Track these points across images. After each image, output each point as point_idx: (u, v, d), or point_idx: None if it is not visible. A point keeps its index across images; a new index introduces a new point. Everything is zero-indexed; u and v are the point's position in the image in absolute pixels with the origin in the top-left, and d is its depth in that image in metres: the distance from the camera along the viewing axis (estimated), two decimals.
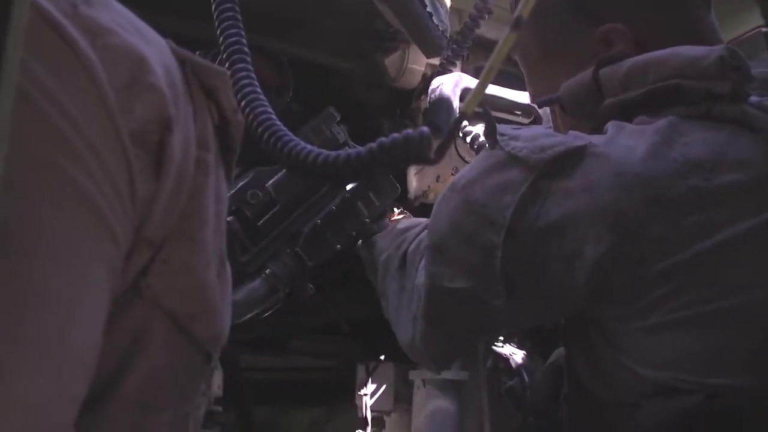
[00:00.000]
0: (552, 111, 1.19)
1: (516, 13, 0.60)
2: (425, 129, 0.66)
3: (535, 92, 1.18)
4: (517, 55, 1.19)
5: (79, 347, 0.47)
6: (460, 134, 1.40)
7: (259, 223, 1.28)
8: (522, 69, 1.21)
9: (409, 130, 0.68)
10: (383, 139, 0.72)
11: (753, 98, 0.92)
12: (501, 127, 0.94)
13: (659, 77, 0.91)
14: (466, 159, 1.53)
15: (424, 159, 0.69)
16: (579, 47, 1.05)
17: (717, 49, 0.89)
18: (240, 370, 1.72)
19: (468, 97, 0.60)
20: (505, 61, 0.62)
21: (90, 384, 0.49)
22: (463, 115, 0.61)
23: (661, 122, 0.87)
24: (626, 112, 0.93)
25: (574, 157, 0.85)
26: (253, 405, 1.77)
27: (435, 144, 0.72)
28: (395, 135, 0.70)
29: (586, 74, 0.99)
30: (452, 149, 1.49)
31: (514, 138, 0.91)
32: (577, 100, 1.01)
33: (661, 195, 0.81)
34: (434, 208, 1.01)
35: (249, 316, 1.25)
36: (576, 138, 0.88)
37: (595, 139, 0.88)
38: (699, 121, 0.88)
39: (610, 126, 0.91)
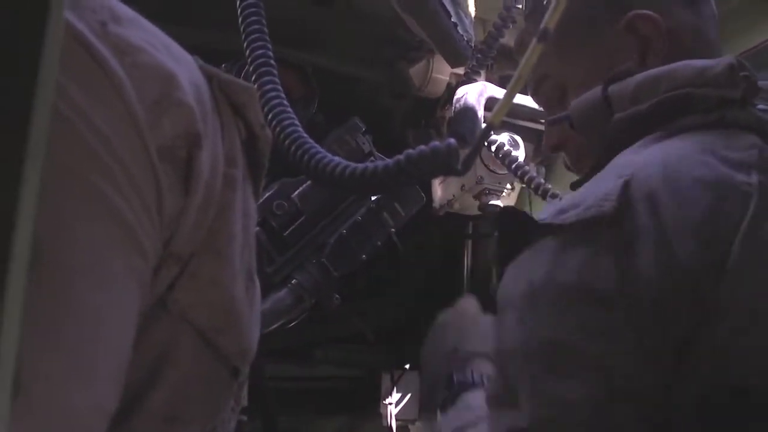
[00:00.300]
0: (547, 131, 1.17)
1: (542, 25, 0.60)
2: (452, 141, 0.66)
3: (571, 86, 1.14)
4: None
5: (110, 359, 0.48)
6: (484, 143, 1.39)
7: (285, 234, 1.29)
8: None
9: (436, 142, 0.68)
10: (410, 151, 0.72)
11: (760, 107, 0.91)
12: (532, 216, 0.87)
13: (670, 87, 0.90)
14: (491, 167, 1.53)
15: (451, 170, 0.68)
16: (606, 40, 1.04)
17: (725, 59, 0.89)
18: (265, 378, 1.72)
19: (496, 108, 0.60)
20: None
21: (119, 398, 0.49)
22: (491, 126, 0.61)
23: (679, 136, 0.87)
24: (637, 125, 0.92)
25: (628, 194, 0.79)
26: (278, 414, 1.78)
27: (462, 154, 0.72)
28: (422, 147, 0.70)
29: (595, 92, 0.97)
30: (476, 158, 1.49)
31: (560, 212, 0.82)
32: (587, 118, 0.99)
33: (724, 193, 0.79)
34: (508, 336, 0.85)
35: (275, 326, 1.26)
36: (614, 177, 0.82)
37: (624, 169, 0.82)
38: (716, 130, 0.87)
39: (624, 156, 0.89)
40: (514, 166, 1.44)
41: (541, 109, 1.38)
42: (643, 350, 0.76)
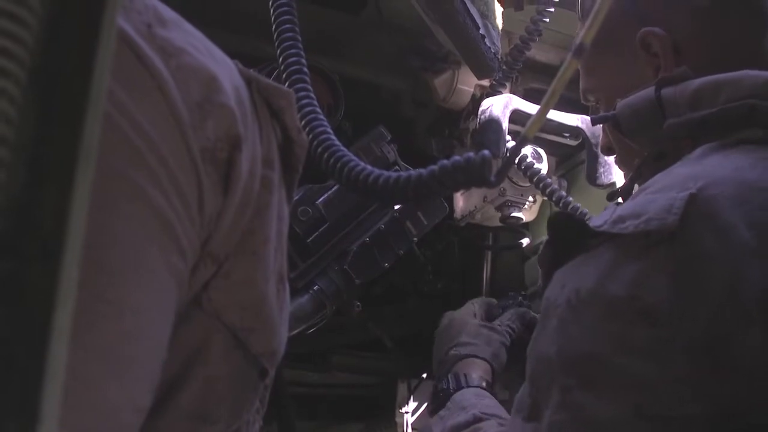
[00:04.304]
0: (603, 131, 1.15)
1: (578, 40, 0.60)
2: (487, 152, 0.67)
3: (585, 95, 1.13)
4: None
5: (147, 357, 0.48)
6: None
7: (308, 240, 1.29)
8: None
9: (470, 153, 0.69)
10: (444, 161, 0.72)
11: None
12: (587, 221, 0.84)
13: (732, 97, 0.86)
14: (513, 180, 1.53)
15: (485, 182, 0.69)
16: (623, 57, 1.02)
17: None
18: (283, 384, 1.72)
19: (530, 122, 0.60)
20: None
21: (154, 395, 0.50)
22: (525, 139, 0.61)
23: (742, 150, 0.84)
24: (693, 133, 0.89)
25: (695, 208, 0.76)
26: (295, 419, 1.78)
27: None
28: (457, 157, 0.71)
29: (647, 92, 0.94)
30: None
31: (619, 221, 0.79)
32: (637, 119, 0.95)
33: None
34: (545, 343, 0.83)
35: (296, 331, 1.26)
36: (671, 189, 0.79)
37: (690, 181, 0.79)
38: None
39: (687, 164, 0.86)
40: (536, 179, 1.44)
41: (567, 122, 1.38)
42: (687, 374, 0.73)
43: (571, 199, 1.39)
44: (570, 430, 0.77)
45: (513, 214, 1.56)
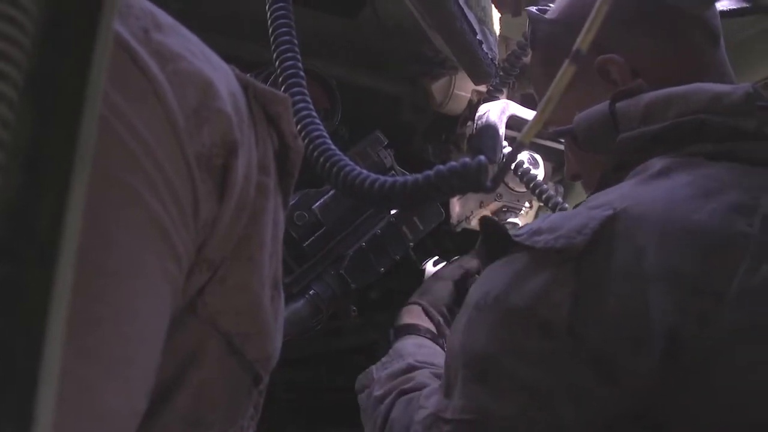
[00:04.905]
0: (566, 157, 1.18)
1: (576, 46, 0.60)
2: (483, 158, 0.67)
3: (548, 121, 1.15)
4: (531, 84, 1.18)
5: (142, 361, 0.48)
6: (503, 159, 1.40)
7: (304, 245, 1.29)
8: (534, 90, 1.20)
9: (466, 159, 0.69)
10: (440, 166, 0.73)
11: None
12: (509, 230, 0.88)
13: (682, 111, 0.88)
14: (510, 185, 1.54)
15: (481, 187, 0.69)
16: (583, 76, 1.02)
17: (743, 87, 0.87)
18: (275, 388, 1.72)
19: (526, 128, 0.60)
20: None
21: (149, 400, 0.50)
22: (521, 145, 0.62)
23: (682, 167, 0.85)
24: (644, 147, 0.90)
25: (609, 229, 0.79)
26: (286, 424, 1.78)
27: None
28: (453, 163, 0.71)
29: (602, 106, 0.95)
30: None
31: (536, 233, 0.84)
32: (591, 133, 0.97)
33: (714, 246, 0.77)
34: (457, 335, 0.90)
35: (291, 337, 1.26)
36: (599, 209, 0.82)
37: (617, 202, 0.82)
38: (723, 162, 0.85)
39: (628, 183, 0.88)
40: (532, 184, 1.44)
41: None
42: (574, 386, 0.78)
43: (567, 205, 1.39)
44: (468, 416, 0.84)
45: (509, 220, 1.56)
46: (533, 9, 1.15)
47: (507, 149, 1.42)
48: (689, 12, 1.00)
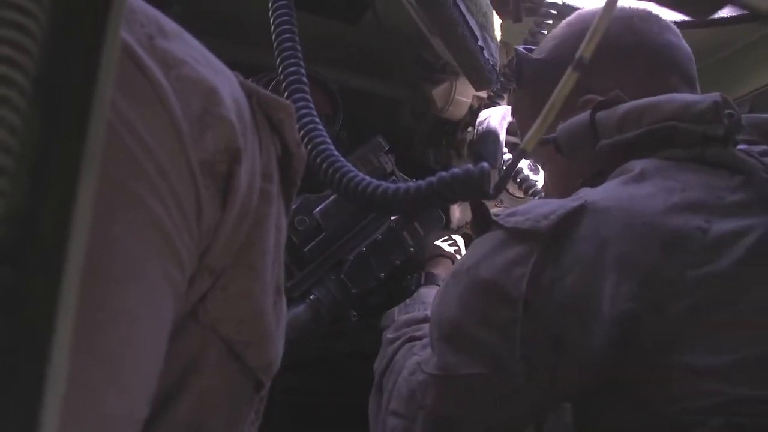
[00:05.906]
0: (545, 177, 1.23)
1: (579, 54, 0.60)
2: (485, 164, 0.67)
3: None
4: (513, 113, 1.23)
5: (144, 367, 0.48)
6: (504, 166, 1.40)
7: (305, 250, 1.29)
8: (517, 125, 1.25)
9: (469, 165, 0.69)
10: (443, 173, 0.73)
11: (741, 146, 0.93)
12: (493, 211, 0.94)
13: (655, 119, 0.93)
14: (510, 191, 1.54)
15: (483, 194, 0.69)
16: (567, 111, 1.03)
17: (712, 95, 0.91)
18: (275, 392, 1.72)
19: (528, 135, 0.60)
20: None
21: (150, 406, 0.49)
22: (523, 152, 0.62)
23: (655, 169, 0.90)
24: (621, 153, 0.95)
25: (576, 218, 0.86)
26: (287, 429, 1.77)
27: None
28: (455, 170, 0.71)
29: (583, 116, 1.00)
30: None
31: (512, 215, 0.91)
32: (573, 141, 1.02)
33: (670, 239, 0.82)
34: (437, 299, 1.02)
35: (291, 340, 1.26)
36: (571, 199, 0.89)
37: (590, 195, 0.89)
38: (693, 164, 0.90)
39: (609, 183, 0.92)
40: (531, 191, 1.45)
41: None
42: (528, 356, 0.86)
43: None
44: (437, 372, 0.95)
45: None
46: (520, 48, 1.21)
47: (507, 155, 1.42)
48: (668, 57, 1.09)
